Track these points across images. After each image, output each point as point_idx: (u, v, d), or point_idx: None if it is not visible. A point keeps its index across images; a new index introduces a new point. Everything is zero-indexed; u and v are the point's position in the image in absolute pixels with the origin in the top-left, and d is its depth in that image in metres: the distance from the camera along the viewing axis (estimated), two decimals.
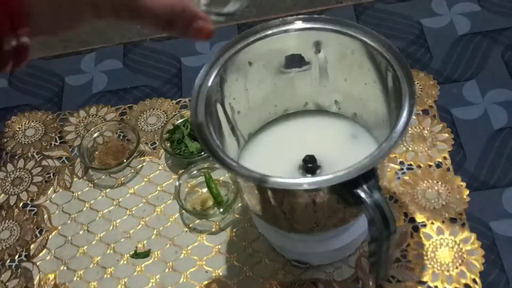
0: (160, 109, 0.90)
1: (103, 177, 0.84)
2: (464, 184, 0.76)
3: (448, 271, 0.70)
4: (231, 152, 0.66)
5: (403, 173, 0.78)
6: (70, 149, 0.87)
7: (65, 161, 0.87)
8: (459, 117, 0.82)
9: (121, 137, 0.87)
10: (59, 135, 0.89)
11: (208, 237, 0.77)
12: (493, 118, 0.82)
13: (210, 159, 0.58)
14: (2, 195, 0.84)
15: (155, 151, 0.85)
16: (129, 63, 0.97)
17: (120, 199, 0.81)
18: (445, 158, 0.79)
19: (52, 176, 0.85)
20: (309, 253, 0.70)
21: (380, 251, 0.57)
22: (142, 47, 0.99)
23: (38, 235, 0.80)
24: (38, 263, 0.77)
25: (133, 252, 0.77)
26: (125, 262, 0.76)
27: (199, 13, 0.46)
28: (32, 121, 0.92)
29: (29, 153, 0.88)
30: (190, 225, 0.78)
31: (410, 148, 0.80)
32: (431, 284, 0.69)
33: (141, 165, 0.84)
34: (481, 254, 0.71)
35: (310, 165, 0.64)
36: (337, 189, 0.56)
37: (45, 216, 0.81)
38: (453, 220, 0.74)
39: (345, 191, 0.55)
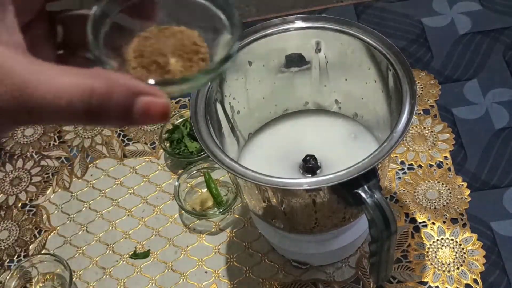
0: None
1: (102, 177, 0.83)
2: (465, 184, 0.76)
3: (449, 271, 0.70)
4: (231, 152, 0.65)
5: (404, 173, 0.78)
6: (69, 149, 0.87)
7: (64, 161, 0.86)
8: (460, 117, 0.82)
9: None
10: (58, 135, 0.89)
11: (207, 237, 0.76)
12: (494, 118, 0.81)
13: (209, 159, 0.58)
14: (1, 195, 0.84)
15: (154, 151, 0.85)
16: None
17: (119, 199, 0.81)
18: (446, 158, 0.78)
19: (51, 176, 0.85)
20: (309, 254, 0.70)
21: (381, 252, 0.57)
22: None
23: (37, 235, 0.79)
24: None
25: (132, 252, 0.76)
26: (124, 262, 0.76)
27: (138, 85, 0.30)
28: None
29: (28, 153, 0.88)
30: (190, 226, 0.78)
31: (411, 148, 0.80)
32: (432, 285, 0.69)
33: (140, 165, 0.84)
34: (482, 255, 0.70)
35: (310, 165, 0.64)
36: (337, 189, 0.55)
37: (44, 216, 0.81)
38: (454, 220, 0.73)
39: (345, 191, 0.55)
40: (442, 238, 0.72)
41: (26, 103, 0.29)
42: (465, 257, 0.70)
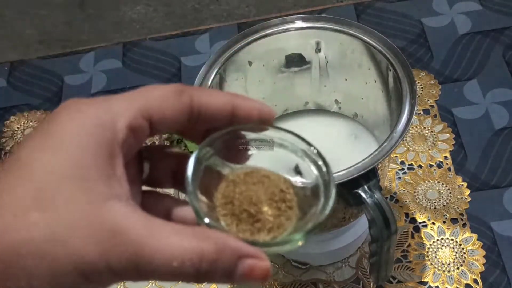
0: None
1: None
2: (465, 184, 0.76)
3: (449, 271, 0.70)
4: None
5: (404, 173, 0.78)
6: None
7: None
8: (460, 117, 0.82)
9: None
10: None
11: None
12: (494, 118, 0.81)
13: None
14: None
15: None
16: (128, 62, 0.97)
17: None
18: (446, 158, 0.78)
19: None
20: (309, 254, 0.70)
21: (381, 252, 0.57)
22: (141, 47, 0.98)
23: None
24: None
25: None
26: None
27: (243, 248, 0.31)
28: (31, 120, 0.91)
29: None
30: None
31: (411, 148, 0.80)
32: (432, 285, 0.69)
33: None
34: (482, 255, 0.70)
35: None
36: (337, 189, 0.55)
37: None
38: (454, 220, 0.73)
39: (345, 191, 0.55)
40: (442, 238, 0.72)
41: (140, 265, 0.29)
42: (465, 257, 0.70)
